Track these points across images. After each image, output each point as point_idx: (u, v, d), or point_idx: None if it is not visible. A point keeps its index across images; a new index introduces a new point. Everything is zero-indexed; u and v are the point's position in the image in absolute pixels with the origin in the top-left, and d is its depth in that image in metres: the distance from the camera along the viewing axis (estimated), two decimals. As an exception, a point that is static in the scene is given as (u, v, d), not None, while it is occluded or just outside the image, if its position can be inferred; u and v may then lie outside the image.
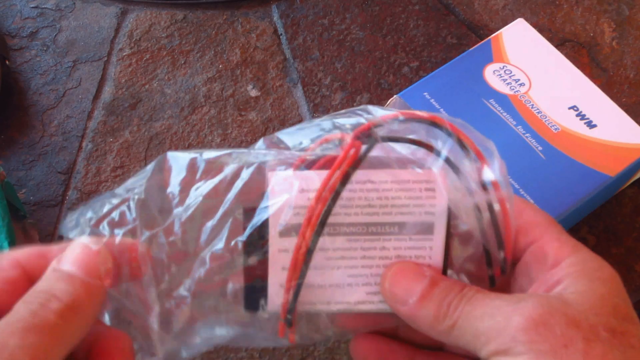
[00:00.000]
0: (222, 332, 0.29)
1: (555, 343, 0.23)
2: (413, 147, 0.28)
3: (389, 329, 0.31)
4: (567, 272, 0.26)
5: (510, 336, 0.24)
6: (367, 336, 0.31)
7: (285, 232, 0.27)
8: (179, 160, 0.28)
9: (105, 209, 0.27)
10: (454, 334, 0.26)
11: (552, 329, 0.24)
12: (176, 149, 0.50)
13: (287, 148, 0.29)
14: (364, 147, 0.27)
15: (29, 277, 0.26)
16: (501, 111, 0.44)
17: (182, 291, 0.28)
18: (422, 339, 0.31)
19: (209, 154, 0.28)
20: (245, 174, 0.28)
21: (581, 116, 0.43)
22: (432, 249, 0.28)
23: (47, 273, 0.25)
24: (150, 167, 0.28)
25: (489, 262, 0.29)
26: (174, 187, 0.28)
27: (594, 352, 0.23)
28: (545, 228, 0.28)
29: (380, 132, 0.28)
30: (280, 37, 0.55)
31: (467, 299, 0.26)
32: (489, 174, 0.29)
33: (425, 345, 0.31)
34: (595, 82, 0.45)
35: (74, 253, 0.26)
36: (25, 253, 0.27)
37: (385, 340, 0.31)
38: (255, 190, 0.28)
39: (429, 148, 0.28)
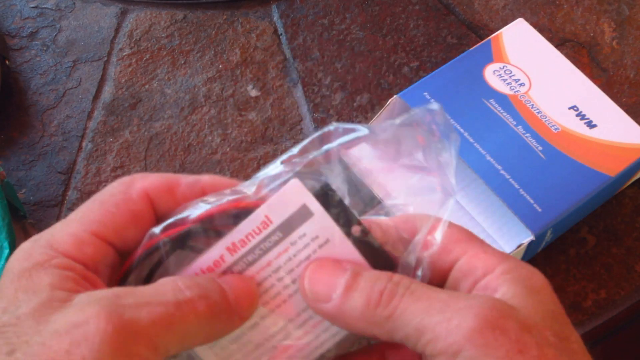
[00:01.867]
0: None
1: (510, 349, 0.22)
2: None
3: None
4: (502, 279, 0.25)
5: (462, 336, 0.22)
6: None
7: None
8: None
9: None
10: (390, 325, 0.24)
11: (507, 333, 0.22)
12: (176, 149, 0.50)
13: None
14: (142, 254, 0.26)
15: (155, 210, 0.26)
16: (501, 111, 0.44)
17: None
18: None
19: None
20: None
21: (581, 116, 0.43)
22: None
23: (205, 276, 0.25)
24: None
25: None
26: None
27: (547, 358, 0.22)
28: (467, 243, 0.26)
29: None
30: (280, 37, 0.55)
31: (406, 288, 0.24)
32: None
33: None
34: (595, 82, 0.45)
35: (237, 281, 0.25)
36: (154, 185, 0.26)
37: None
38: None
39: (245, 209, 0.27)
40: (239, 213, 0.26)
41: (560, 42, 0.54)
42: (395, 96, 0.44)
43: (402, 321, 0.24)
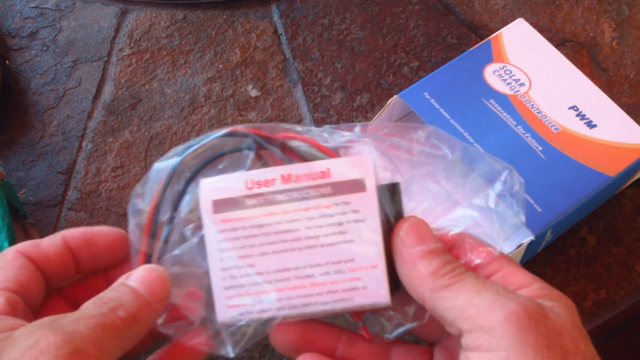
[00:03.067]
0: None
1: (540, 341, 0.24)
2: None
3: None
4: (537, 293, 0.27)
5: (503, 317, 0.25)
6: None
7: None
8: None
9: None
10: (444, 294, 0.27)
11: (541, 328, 0.24)
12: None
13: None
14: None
15: (33, 262, 0.30)
16: (501, 111, 0.44)
17: None
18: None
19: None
20: None
21: (581, 116, 0.43)
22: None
23: (116, 285, 0.28)
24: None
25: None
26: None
27: (576, 356, 0.24)
28: (502, 262, 0.29)
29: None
30: (280, 37, 0.55)
31: (471, 273, 0.27)
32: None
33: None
34: (595, 82, 0.45)
35: (144, 274, 0.29)
36: (22, 245, 0.30)
37: (307, 323, 0.31)
38: None
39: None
40: (311, 153, 0.29)
41: (560, 42, 0.54)
42: (395, 96, 0.44)
43: (456, 293, 0.26)
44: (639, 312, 0.45)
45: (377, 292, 0.28)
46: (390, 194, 0.29)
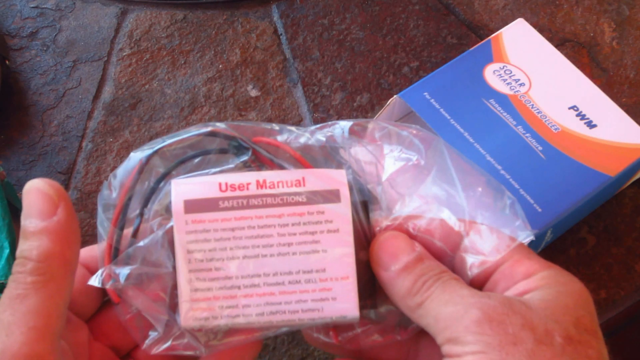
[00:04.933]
0: None
1: (504, 339, 0.24)
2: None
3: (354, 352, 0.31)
4: (537, 284, 0.26)
5: (463, 326, 0.25)
6: None
7: None
8: None
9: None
10: (419, 312, 0.27)
11: (505, 327, 0.24)
12: (176, 149, 0.50)
13: None
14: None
15: (87, 268, 0.29)
16: (501, 111, 0.44)
17: None
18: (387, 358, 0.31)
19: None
20: None
21: (581, 116, 0.43)
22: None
23: (17, 260, 0.25)
24: None
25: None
26: None
27: (542, 355, 0.24)
28: (514, 250, 0.28)
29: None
30: (280, 37, 0.55)
31: (442, 282, 0.27)
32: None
33: None
34: (595, 82, 0.45)
35: (30, 203, 0.25)
36: (82, 251, 0.28)
37: None
38: None
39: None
40: (286, 162, 0.29)
41: (560, 42, 0.54)
42: (395, 96, 0.44)
43: (427, 310, 0.26)
44: (639, 312, 0.45)
45: (346, 305, 0.28)
46: (363, 207, 0.29)
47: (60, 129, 0.51)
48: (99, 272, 0.28)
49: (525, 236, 0.31)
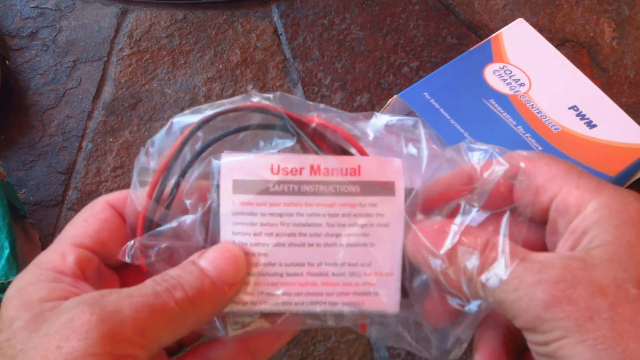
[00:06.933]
0: None
1: (579, 317, 0.23)
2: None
3: None
4: (592, 220, 0.25)
5: (534, 315, 0.23)
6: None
7: None
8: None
9: None
10: (484, 293, 0.25)
11: (575, 302, 0.23)
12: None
13: None
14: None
15: (121, 216, 0.28)
16: (501, 111, 0.44)
17: None
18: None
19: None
20: None
21: (581, 116, 0.43)
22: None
23: (185, 262, 0.26)
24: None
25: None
26: None
27: (622, 317, 0.22)
28: (563, 178, 0.26)
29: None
30: (280, 37, 0.55)
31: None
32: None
33: None
34: (595, 82, 0.45)
35: (215, 254, 0.26)
36: (115, 197, 0.28)
37: None
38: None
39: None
40: (344, 147, 0.28)
41: (560, 42, 0.54)
42: (395, 96, 0.44)
43: (489, 292, 0.25)
44: None
45: (388, 301, 0.28)
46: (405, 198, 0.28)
47: (60, 129, 0.51)
48: (130, 243, 0.27)
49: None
